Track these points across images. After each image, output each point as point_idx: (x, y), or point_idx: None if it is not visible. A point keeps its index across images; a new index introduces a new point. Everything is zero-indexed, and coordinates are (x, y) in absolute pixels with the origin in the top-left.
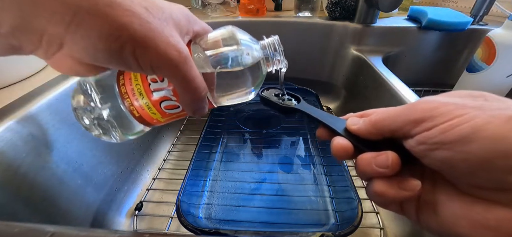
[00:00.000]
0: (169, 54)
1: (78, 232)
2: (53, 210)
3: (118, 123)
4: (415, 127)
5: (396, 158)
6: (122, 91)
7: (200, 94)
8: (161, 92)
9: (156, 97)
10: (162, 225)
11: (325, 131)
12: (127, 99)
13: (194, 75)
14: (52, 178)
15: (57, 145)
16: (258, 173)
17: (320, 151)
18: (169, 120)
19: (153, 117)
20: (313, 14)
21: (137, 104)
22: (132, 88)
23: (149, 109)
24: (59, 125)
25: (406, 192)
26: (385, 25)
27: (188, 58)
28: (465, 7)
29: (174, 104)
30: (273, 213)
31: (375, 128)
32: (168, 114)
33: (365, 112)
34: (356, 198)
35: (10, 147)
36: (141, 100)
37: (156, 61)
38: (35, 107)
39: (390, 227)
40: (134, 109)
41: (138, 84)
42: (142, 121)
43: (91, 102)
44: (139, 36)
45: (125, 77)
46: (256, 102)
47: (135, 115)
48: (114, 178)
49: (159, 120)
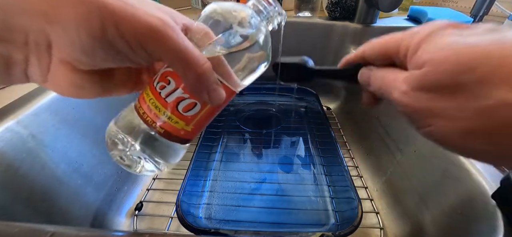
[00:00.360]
0: (151, 22)
1: (78, 232)
2: (53, 210)
3: (156, 151)
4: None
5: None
6: (140, 113)
7: (201, 66)
8: (173, 95)
9: (170, 101)
10: (162, 225)
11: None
12: (147, 118)
13: (187, 45)
14: (52, 178)
15: (57, 145)
16: (258, 173)
17: (320, 151)
18: (197, 127)
19: (178, 127)
20: (313, 14)
21: (157, 119)
22: (148, 105)
23: (170, 120)
24: (59, 125)
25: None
26: (385, 25)
27: (174, 27)
28: (465, 7)
29: (191, 102)
30: (273, 213)
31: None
32: (190, 117)
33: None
34: (356, 198)
35: (10, 147)
36: (158, 112)
37: (141, 32)
38: (35, 107)
39: (390, 227)
40: (157, 125)
41: (151, 98)
42: (169, 137)
43: (125, 147)
44: (118, 10)
45: (140, 100)
46: (256, 102)
47: (160, 132)
48: (114, 178)
49: (186, 129)
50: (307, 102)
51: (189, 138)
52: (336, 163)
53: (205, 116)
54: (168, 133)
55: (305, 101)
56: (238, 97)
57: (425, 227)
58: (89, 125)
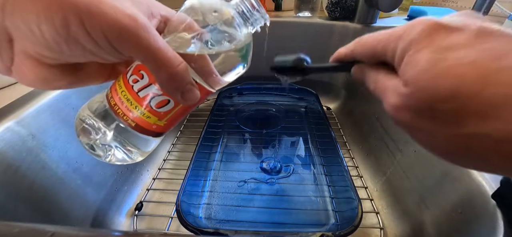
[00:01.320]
0: (121, 20)
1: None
2: (53, 210)
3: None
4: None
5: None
6: (112, 104)
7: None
8: (146, 90)
9: (142, 96)
10: (162, 225)
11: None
12: (118, 110)
13: (160, 45)
14: (52, 178)
15: (57, 145)
16: (258, 173)
17: (320, 151)
18: (170, 122)
19: (150, 122)
20: (313, 14)
21: (129, 112)
22: (120, 98)
23: (142, 114)
24: (59, 125)
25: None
26: (385, 25)
27: (147, 26)
28: (465, 7)
29: (164, 99)
30: (273, 213)
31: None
32: (163, 113)
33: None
34: (356, 198)
35: (10, 147)
36: (130, 106)
37: (110, 30)
38: (35, 107)
39: (390, 227)
40: (128, 118)
41: (123, 90)
42: (141, 131)
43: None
44: (82, 4)
45: (112, 90)
46: (256, 102)
47: (131, 125)
48: (114, 178)
49: (158, 124)
50: (307, 102)
51: (162, 131)
52: (336, 163)
53: (179, 112)
54: (140, 127)
55: (305, 101)
56: (238, 97)
57: (425, 227)
58: None
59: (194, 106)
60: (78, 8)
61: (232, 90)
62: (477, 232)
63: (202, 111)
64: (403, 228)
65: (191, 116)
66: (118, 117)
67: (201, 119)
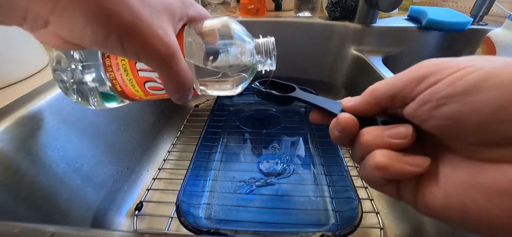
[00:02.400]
0: (157, 47)
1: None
2: (53, 210)
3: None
4: (419, 84)
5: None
6: (106, 63)
7: (186, 86)
8: (147, 73)
9: (141, 76)
10: (162, 225)
11: (319, 114)
12: (110, 72)
13: (180, 69)
14: (52, 178)
15: (57, 145)
16: (258, 173)
17: (320, 151)
18: (152, 99)
19: (136, 94)
20: (313, 14)
21: (120, 79)
22: (117, 63)
23: (132, 86)
24: (59, 125)
25: (413, 168)
26: (385, 25)
27: (175, 53)
28: (465, 7)
29: (159, 87)
30: (273, 213)
31: (373, 96)
32: (151, 94)
33: None
34: (356, 198)
35: (10, 147)
36: (125, 75)
37: (143, 52)
38: (35, 107)
39: (390, 227)
40: (117, 83)
41: (124, 60)
42: (123, 96)
43: (72, 65)
44: (127, 25)
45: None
46: (256, 102)
47: (117, 89)
48: (114, 178)
49: (142, 97)
50: None
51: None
52: (336, 163)
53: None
54: (124, 93)
55: None
56: (238, 97)
57: (425, 227)
58: (89, 125)
59: None
60: (123, 29)
61: None
62: None
63: (202, 111)
64: (403, 228)
65: (191, 116)
66: (108, 79)
67: (201, 119)
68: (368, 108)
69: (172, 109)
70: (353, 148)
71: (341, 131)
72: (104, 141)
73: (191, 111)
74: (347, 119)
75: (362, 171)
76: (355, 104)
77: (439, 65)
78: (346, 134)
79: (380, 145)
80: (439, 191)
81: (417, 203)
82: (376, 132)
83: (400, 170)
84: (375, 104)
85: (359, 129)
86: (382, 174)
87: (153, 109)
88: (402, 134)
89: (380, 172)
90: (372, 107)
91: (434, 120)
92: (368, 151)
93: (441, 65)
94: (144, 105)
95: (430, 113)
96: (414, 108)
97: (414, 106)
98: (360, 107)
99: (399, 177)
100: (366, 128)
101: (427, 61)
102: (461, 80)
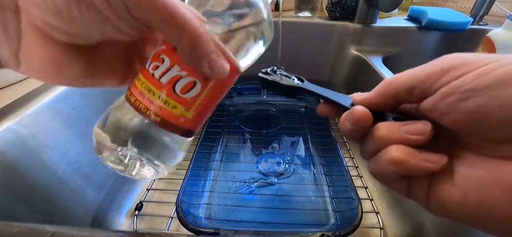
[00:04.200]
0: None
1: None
2: (53, 210)
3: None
4: (442, 77)
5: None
6: (132, 101)
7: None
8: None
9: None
10: (162, 225)
11: (329, 107)
12: (140, 106)
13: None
14: (52, 178)
15: (57, 145)
16: (258, 173)
17: (320, 151)
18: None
19: (177, 113)
20: (313, 14)
21: (151, 105)
22: (140, 91)
23: (166, 104)
24: (59, 125)
25: (430, 164)
26: (385, 25)
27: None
28: (465, 7)
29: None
30: (273, 213)
31: (391, 87)
32: (190, 100)
33: None
34: (356, 198)
35: (10, 147)
36: (153, 96)
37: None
38: (35, 107)
39: (390, 227)
40: (151, 113)
41: (143, 82)
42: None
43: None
44: None
45: (131, 88)
46: (256, 102)
47: (156, 121)
48: (114, 178)
49: (186, 116)
50: (307, 102)
51: (190, 127)
52: (336, 163)
53: (207, 99)
54: (166, 122)
55: (305, 101)
56: (238, 97)
57: (425, 227)
58: (89, 125)
59: (223, 89)
60: None
61: (232, 90)
62: (477, 232)
63: None
64: (403, 228)
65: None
66: (141, 113)
67: None
68: (382, 101)
69: None
70: (363, 142)
71: (354, 124)
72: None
73: None
74: (363, 111)
75: (374, 165)
76: (368, 97)
77: (465, 59)
78: (359, 127)
79: (396, 140)
80: (455, 189)
81: (429, 202)
82: (393, 127)
83: (416, 166)
84: (391, 96)
85: (372, 124)
86: (397, 169)
87: None
88: (420, 130)
89: (396, 166)
90: (387, 100)
91: (456, 114)
92: (383, 146)
93: (467, 59)
94: None
95: (453, 106)
96: (434, 101)
97: (435, 99)
98: (374, 100)
99: (414, 173)
100: (381, 123)
101: (451, 55)
102: (489, 74)
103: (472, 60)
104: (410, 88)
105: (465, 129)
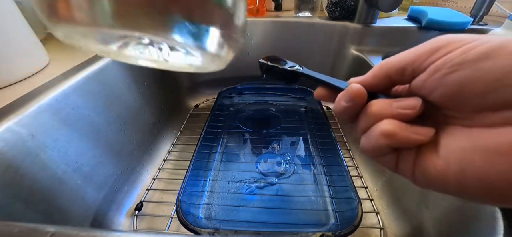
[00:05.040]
0: None
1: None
2: (53, 210)
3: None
4: (431, 55)
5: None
6: None
7: None
8: None
9: None
10: (162, 225)
11: (325, 91)
12: None
13: None
14: (52, 178)
15: (57, 145)
16: (258, 173)
17: (320, 151)
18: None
19: None
20: (313, 14)
21: None
22: None
23: None
24: (59, 125)
25: (418, 136)
26: (385, 25)
27: None
28: (465, 7)
29: None
30: (273, 213)
31: (384, 68)
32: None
33: None
34: (356, 198)
35: (10, 147)
36: None
37: None
38: (35, 107)
39: (390, 227)
40: None
41: None
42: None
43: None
44: None
45: None
46: (256, 102)
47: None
48: (114, 178)
49: None
50: (307, 102)
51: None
52: (336, 163)
53: None
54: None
55: (305, 101)
56: (238, 97)
57: (425, 227)
58: (89, 125)
59: None
60: None
61: (232, 90)
62: (477, 232)
63: (202, 111)
64: (403, 228)
65: (191, 116)
66: None
67: (201, 119)
68: (376, 82)
69: (172, 109)
70: (356, 121)
71: (349, 100)
72: (104, 141)
73: (191, 111)
74: (358, 88)
75: (365, 140)
76: (363, 79)
77: (452, 39)
78: (354, 104)
79: (388, 115)
80: (439, 159)
81: (415, 173)
82: (385, 103)
83: (406, 138)
84: (385, 77)
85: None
86: (388, 141)
87: (153, 109)
88: (411, 105)
89: (387, 139)
90: (381, 81)
91: (443, 88)
92: (375, 121)
93: (454, 38)
94: (144, 105)
95: (440, 81)
96: (424, 78)
97: (424, 76)
98: (369, 81)
99: (404, 145)
100: (374, 100)
101: (441, 36)
102: (474, 50)
103: (459, 39)
104: (402, 68)
105: (450, 102)
